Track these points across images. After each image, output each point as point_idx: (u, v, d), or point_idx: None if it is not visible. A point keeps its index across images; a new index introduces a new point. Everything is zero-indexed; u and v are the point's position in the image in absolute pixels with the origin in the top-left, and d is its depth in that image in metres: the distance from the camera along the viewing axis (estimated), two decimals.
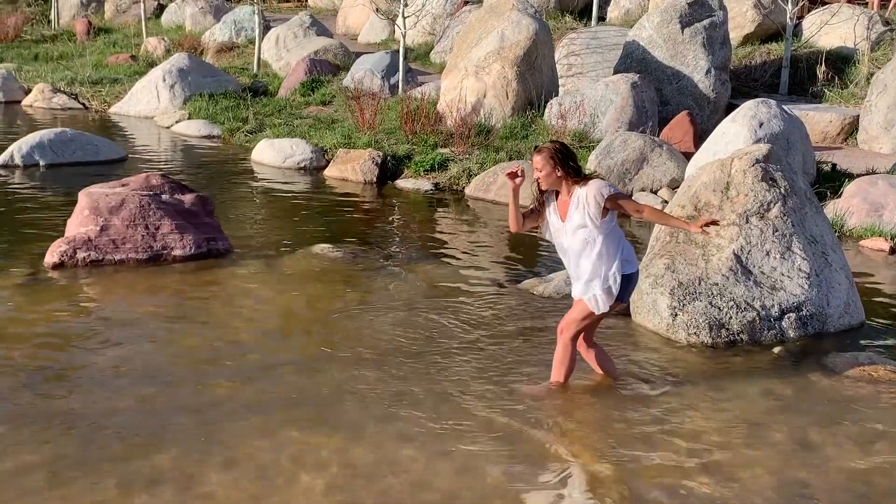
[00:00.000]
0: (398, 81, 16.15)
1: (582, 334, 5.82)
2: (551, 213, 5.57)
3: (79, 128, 14.11)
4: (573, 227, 5.47)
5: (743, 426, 5.55)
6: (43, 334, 6.59)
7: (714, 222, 5.52)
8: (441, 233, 10.15)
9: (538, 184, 5.52)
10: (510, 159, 11.96)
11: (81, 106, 17.87)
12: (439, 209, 11.17)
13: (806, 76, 15.72)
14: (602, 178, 5.66)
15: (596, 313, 5.60)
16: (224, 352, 6.38)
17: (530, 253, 9.32)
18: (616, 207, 5.46)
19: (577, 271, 5.58)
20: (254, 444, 5.10)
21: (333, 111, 15.50)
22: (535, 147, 5.56)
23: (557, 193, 5.56)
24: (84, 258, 8.01)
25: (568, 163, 5.45)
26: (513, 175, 5.46)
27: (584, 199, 5.41)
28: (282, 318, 7.07)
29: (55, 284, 7.67)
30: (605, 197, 5.38)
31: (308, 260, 8.52)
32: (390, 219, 10.79)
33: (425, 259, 8.79)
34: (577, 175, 5.47)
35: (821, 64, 15.59)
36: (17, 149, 12.35)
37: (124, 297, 7.56)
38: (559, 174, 5.45)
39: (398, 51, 16.60)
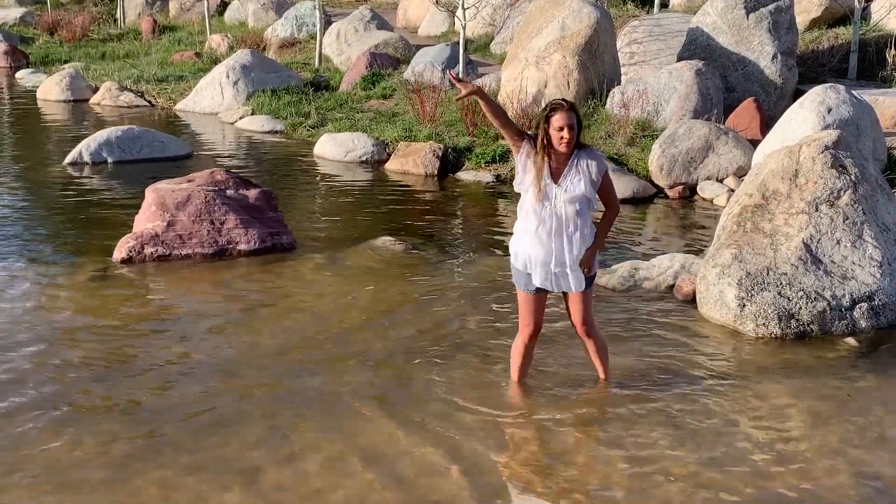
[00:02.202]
0: (458, 73, 16.13)
1: (537, 330, 5.53)
2: (546, 173, 5.13)
3: (145, 125, 14.33)
4: (570, 196, 5.11)
5: (815, 419, 5.44)
6: (112, 328, 6.71)
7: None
8: (503, 225, 10.11)
9: (545, 148, 5.07)
10: None
11: (147, 103, 18.15)
12: (501, 201, 11.12)
13: (875, 60, 15.35)
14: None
15: (580, 290, 5.30)
16: (289, 345, 6.43)
17: None
18: (603, 187, 5.18)
19: (566, 244, 5.19)
20: (319, 437, 5.13)
21: (394, 104, 15.53)
22: (561, 104, 5.06)
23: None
24: (151, 253, 8.13)
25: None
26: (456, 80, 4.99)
27: (585, 168, 5.13)
28: (345, 311, 7.10)
29: (124, 279, 7.80)
30: (604, 172, 5.16)
31: (370, 253, 8.55)
32: (452, 211, 10.78)
33: (487, 251, 8.76)
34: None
35: (890, 48, 15.20)
36: (86, 147, 12.58)
37: (191, 291, 7.67)
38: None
39: (458, 43, 16.58)
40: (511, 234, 5.54)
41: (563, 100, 5.17)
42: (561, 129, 5.05)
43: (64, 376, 5.88)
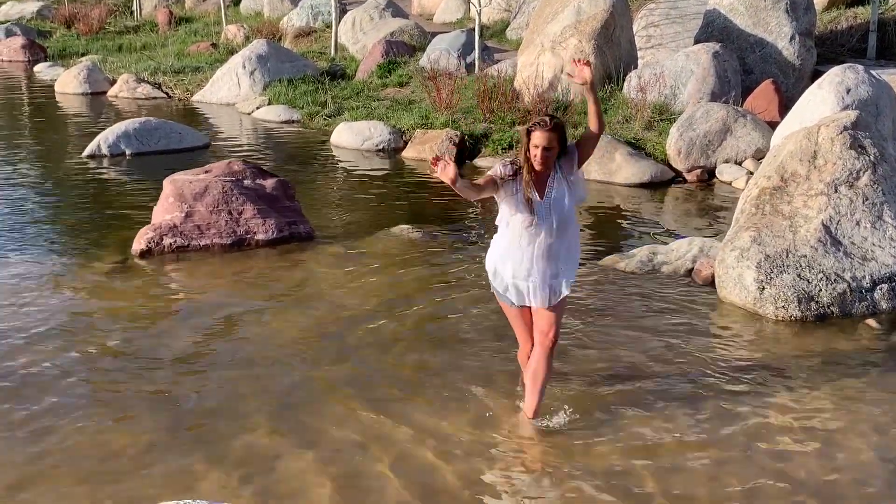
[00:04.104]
0: (474, 60, 16.08)
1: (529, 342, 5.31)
2: (532, 189, 4.92)
3: (163, 116, 14.37)
4: (556, 209, 4.92)
5: (836, 401, 5.41)
6: (131, 320, 6.75)
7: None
8: None
9: (528, 162, 4.86)
10: None
11: (165, 95, 18.19)
12: None
13: (894, 40, 15.20)
14: None
15: (555, 301, 5.02)
16: (308, 334, 6.45)
17: (610, 229, 9.22)
18: (573, 154, 4.94)
19: (557, 254, 4.97)
20: (337, 425, 5.15)
21: (410, 92, 15.50)
22: (545, 121, 4.85)
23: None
24: (170, 244, 8.17)
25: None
26: (437, 162, 4.75)
27: (558, 168, 4.94)
28: (363, 299, 7.11)
29: (143, 271, 7.84)
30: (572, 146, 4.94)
31: (388, 241, 8.55)
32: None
33: None
34: None
35: None
36: (104, 139, 12.63)
37: (209, 282, 7.70)
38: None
39: (474, 29, 16.51)
40: None
41: (550, 117, 4.93)
42: (536, 147, 4.86)
43: (84, 368, 5.92)
